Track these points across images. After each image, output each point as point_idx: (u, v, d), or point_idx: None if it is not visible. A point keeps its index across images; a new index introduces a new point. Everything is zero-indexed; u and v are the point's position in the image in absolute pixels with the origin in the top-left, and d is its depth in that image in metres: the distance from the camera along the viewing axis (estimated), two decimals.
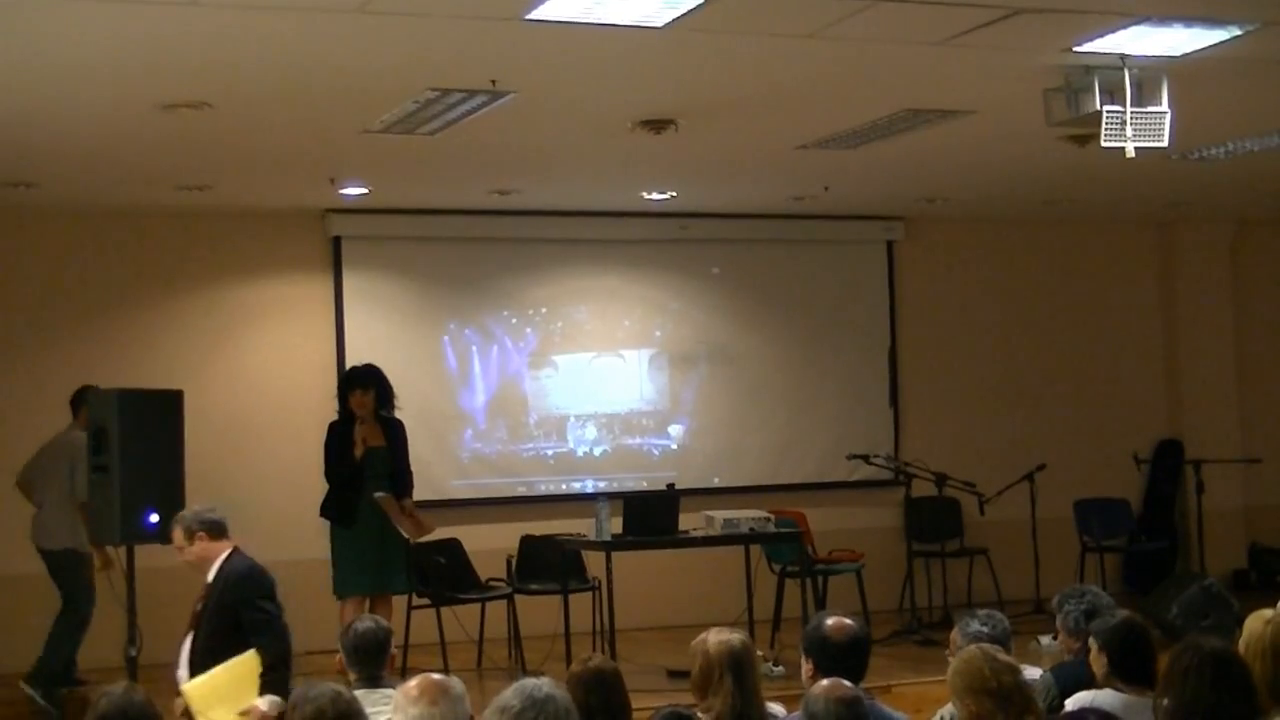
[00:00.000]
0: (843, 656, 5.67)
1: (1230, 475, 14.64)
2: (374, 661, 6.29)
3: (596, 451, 13.60)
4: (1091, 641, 5.98)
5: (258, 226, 12.72)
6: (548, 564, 11.61)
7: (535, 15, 7.24)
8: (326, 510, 11.08)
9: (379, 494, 10.86)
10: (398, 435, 11.14)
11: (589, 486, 13.29)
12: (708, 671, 5.57)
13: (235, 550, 7.85)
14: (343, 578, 10.95)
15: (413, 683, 4.46)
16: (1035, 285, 15.08)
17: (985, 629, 6.20)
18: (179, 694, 7.32)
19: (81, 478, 10.12)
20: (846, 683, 5.04)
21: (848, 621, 5.86)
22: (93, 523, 9.79)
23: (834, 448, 13.78)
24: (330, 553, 11.05)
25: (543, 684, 4.26)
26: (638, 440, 13.75)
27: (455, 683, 4.48)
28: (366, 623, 6.43)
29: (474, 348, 13.36)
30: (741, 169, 11.76)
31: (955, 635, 6.28)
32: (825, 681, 4.99)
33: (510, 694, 4.21)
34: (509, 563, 11.69)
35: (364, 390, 11.04)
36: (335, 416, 11.23)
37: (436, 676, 4.52)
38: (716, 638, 5.64)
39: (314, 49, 7.87)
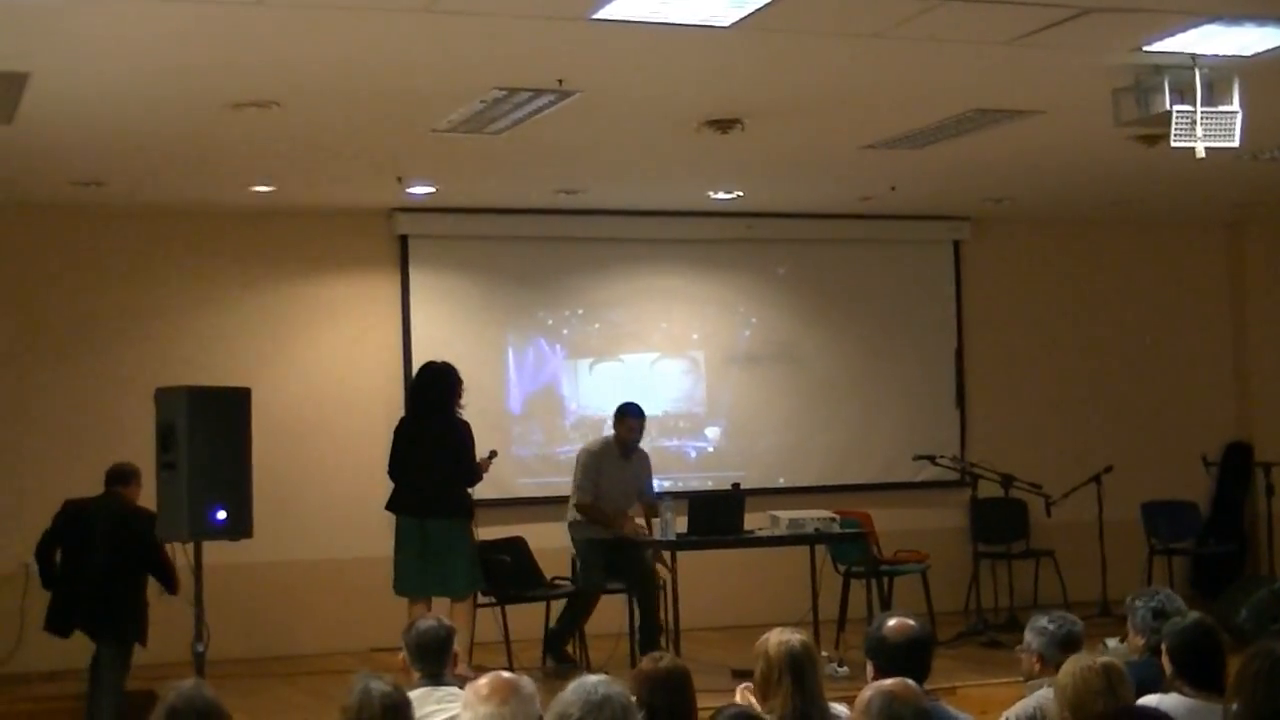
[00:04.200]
0: (902, 657, 5.62)
1: None
2: (436, 660, 6.31)
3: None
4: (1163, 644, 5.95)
5: (325, 225, 12.78)
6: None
7: (601, 14, 7.25)
8: (469, 506, 11.05)
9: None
10: None
11: (656, 486, 13.27)
12: (768, 673, 5.57)
13: None
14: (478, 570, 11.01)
15: (483, 680, 4.46)
16: (1103, 286, 14.99)
17: (1052, 626, 6.20)
18: None
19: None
20: (911, 683, 4.97)
21: (910, 622, 5.82)
22: (160, 519, 9.86)
23: (900, 448, 13.74)
24: (473, 548, 11.01)
25: (600, 684, 4.23)
26: (696, 441, 13.74)
27: (526, 682, 4.47)
28: (429, 621, 6.47)
29: (540, 346, 13.38)
30: (808, 169, 11.75)
31: (1030, 639, 6.28)
32: (891, 681, 4.94)
33: (569, 697, 4.19)
34: (573, 562, 11.69)
35: None
36: (402, 414, 11.35)
37: (507, 675, 4.51)
38: (777, 639, 5.62)
39: (381, 48, 7.90)
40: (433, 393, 11.03)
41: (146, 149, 10.18)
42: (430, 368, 11.15)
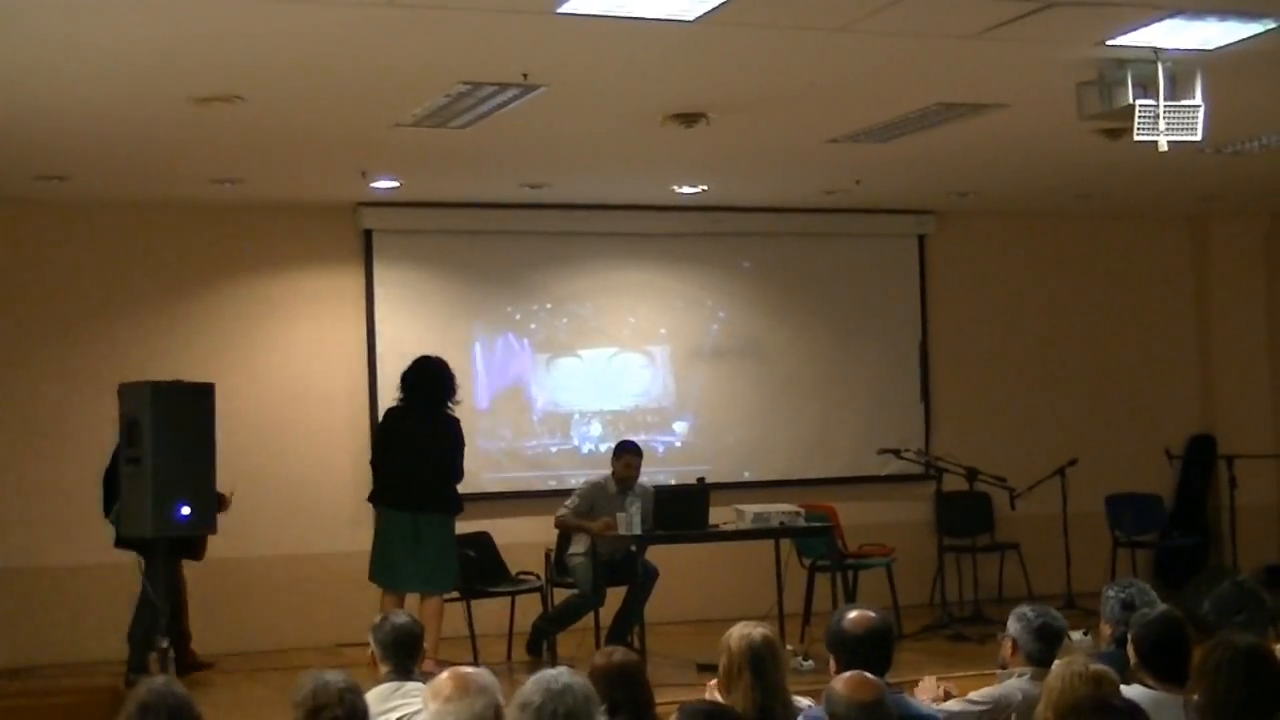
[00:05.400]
0: (862, 650, 5.64)
1: (1263, 471, 14.58)
2: (408, 655, 6.38)
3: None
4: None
5: (289, 220, 12.74)
6: None
7: (567, 8, 7.24)
8: (460, 503, 11.04)
9: None
10: None
11: None
12: (730, 666, 5.60)
13: None
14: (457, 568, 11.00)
15: (444, 675, 4.46)
16: (1067, 279, 15.04)
17: (1031, 615, 6.27)
18: None
19: None
20: (870, 677, 4.99)
21: (870, 614, 5.83)
22: (124, 515, 9.83)
23: (865, 442, 13.75)
24: (454, 546, 11.00)
25: (561, 674, 4.28)
26: (663, 436, 13.75)
27: (487, 677, 4.48)
28: (402, 617, 6.52)
29: (506, 341, 13.37)
30: (773, 163, 11.76)
31: (1010, 624, 6.32)
32: (846, 675, 4.96)
33: (530, 688, 4.25)
34: (548, 556, 11.67)
35: None
36: (389, 406, 11.29)
37: (467, 669, 4.52)
38: (739, 632, 5.66)
39: (346, 42, 7.88)
40: (433, 388, 10.98)
41: (110, 143, 10.14)
42: (428, 362, 11.08)
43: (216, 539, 10.14)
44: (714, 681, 6.00)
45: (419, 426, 10.92)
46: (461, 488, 11.42)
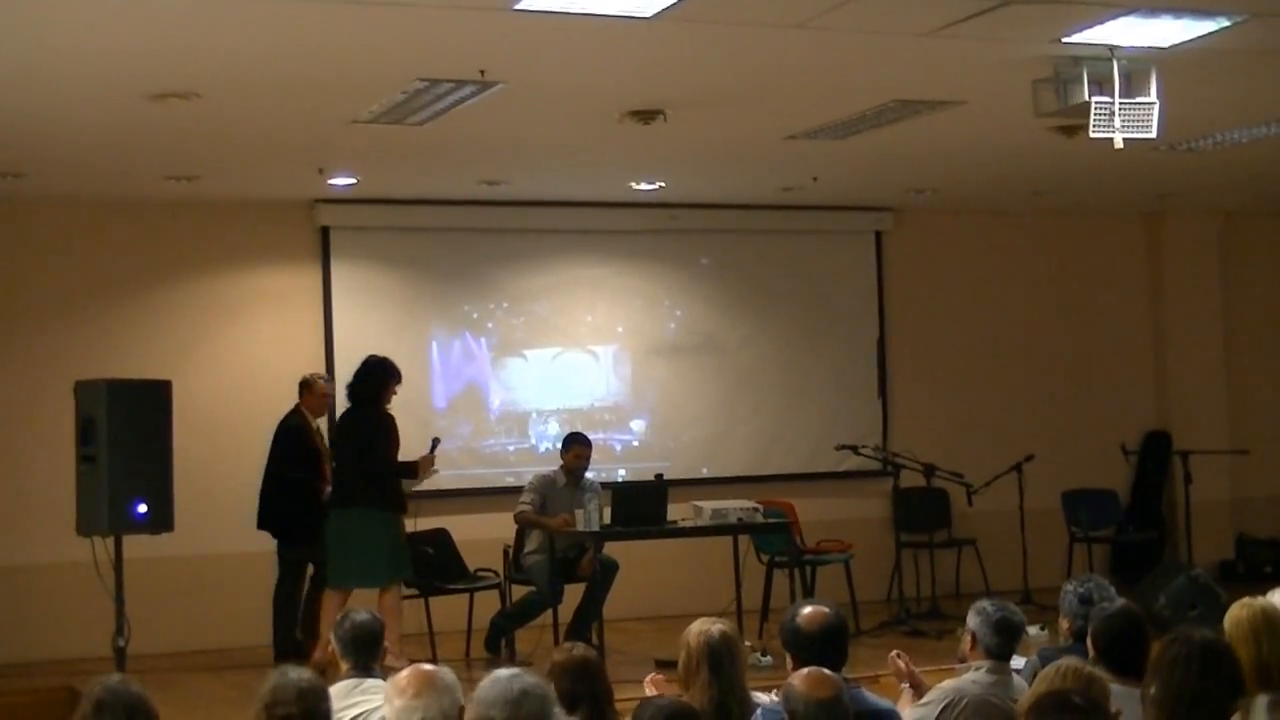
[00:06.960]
0: (817, 647, 5.63)
1: (1218, 466, 14.67)
2: (369, 652, 6.39)
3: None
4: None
5: (246, 217, 12.69)
6: None
7: (524, 5, 7.25)
8: (397, 500, 10.96)
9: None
10: None
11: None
12: (689, 663, 5.62)
13: None
14: (398, 561, 10.95)
15: (404, 673, 4.46)
16: (1023, 276, 15.09)
17: (990, 609, 6.29)
18: None
19: None
20: (828, 673, 4.99)
21: (824, 610, 5.82)
22: (80, 512, 9.77)
23: (823, 438, 13.78)
24: (391, 539, 10.92)
25: (514, 677, 4.23)
26: (621, 434, 13.76)
27: (446, 673, 4.48)
28: (363, 615, 6.52)
29: (464, 340, 13.35)
30: (730, 159, 11.77)
31: (969, 619, 6.34)
32: (804, 672, 4.96)
33: (487, 695, 4.18)
34: (506, 552, 11.65)
35: None
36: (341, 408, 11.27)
37: (428, 667, 4.52)
38: (698, 628, 5.67)
39: (303, 39, 7.86)
40: (360, 388, 11.02)
41: (66, 140, 10.09)
42: (364, 363, 11.14)
43: (172, 537, 10.06)
44: (650, 677, 6.03)
45: (346, 427, 11.11)
46: (420, 485, 11.39)
